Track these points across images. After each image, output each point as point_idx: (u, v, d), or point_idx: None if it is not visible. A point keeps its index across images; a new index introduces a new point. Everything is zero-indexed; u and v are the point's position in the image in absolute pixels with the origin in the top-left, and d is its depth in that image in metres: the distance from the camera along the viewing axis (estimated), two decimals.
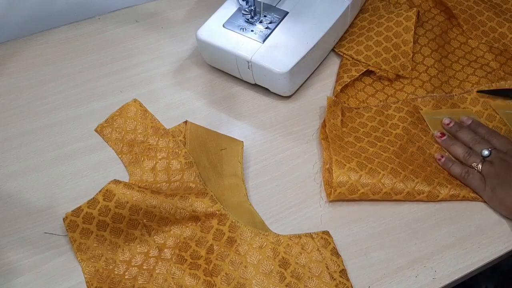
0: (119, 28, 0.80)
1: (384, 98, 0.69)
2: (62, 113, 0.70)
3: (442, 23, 0.77)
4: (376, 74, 0.70)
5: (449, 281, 0.54)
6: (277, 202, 0.60)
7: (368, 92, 0.70)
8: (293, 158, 0.64)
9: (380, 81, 0.71)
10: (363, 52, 0.71)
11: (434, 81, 0.70)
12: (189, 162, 0.62)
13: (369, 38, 0.72)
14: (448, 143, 0.63)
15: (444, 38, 0.76)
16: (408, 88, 0.70)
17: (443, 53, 0.74)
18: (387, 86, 0.70)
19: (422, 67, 0.72)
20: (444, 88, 0.70)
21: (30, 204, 0.61)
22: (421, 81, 0.71)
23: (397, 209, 0.59)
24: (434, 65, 0.72)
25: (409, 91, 0.70)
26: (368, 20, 0.75)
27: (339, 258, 0.54)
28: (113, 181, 0.58)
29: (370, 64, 0.70)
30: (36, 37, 0.79)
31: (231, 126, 0.68)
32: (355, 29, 0.75)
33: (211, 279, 0.54)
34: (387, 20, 0.73)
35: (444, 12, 0.79)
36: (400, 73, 0.70)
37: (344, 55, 0.73)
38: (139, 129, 0.66)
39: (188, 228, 0.57)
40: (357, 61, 0.71)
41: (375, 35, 0.72)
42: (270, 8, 0.71)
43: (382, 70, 0.70)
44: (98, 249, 0.56)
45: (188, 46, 0.77)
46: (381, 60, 0.70)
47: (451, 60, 0.73)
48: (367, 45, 0.71)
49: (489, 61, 0.73)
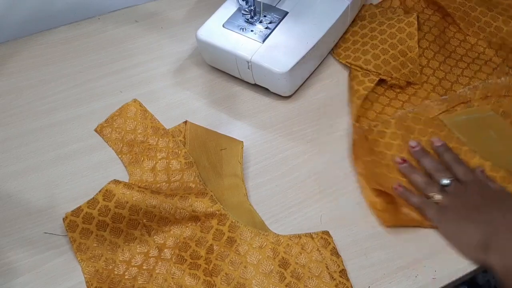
0: (119, 28, 0.80)
1: (399, 105, 0.68)
2: (62, 113, 0.70)
3: (438, 23, 0.77)
4: (387, 82, 0.70)
5: (449, 281, 0.54)
6: (277, 202, 0.60)
7: (383, 102, 0.69)
8: (293, 158, 0.64)
9: (391, 89, 0.70)
10: (371, 61, 0.70)
11: (444, 83, 0.70)
12: (189, 162, 0.62)
13: (374, 47, 0.71)
14: (408, 171, 0.60)
15: (443, 38, 0.76)
16: (420, 92, 0.69)
17: (445, 54, 0.74)
18: (400, 93, 0.70)
19: (429, 70, 0.72)
20: (455, 88, 0.70)
21: (30, 204, 0.61)
22: (431, 84, 0.70)
23: None
24: (440, 67, 0.72)
25: (422, 96, 0.69)
26: (368, 28, 0.74)
27: (339, 258, 0.54)
28: (113, 181, 0.58)
29: (381, 72, 0.69)
30: (36, 37, 0.79)
31: (231, 126, 0.68)
32: (357, 37, 0.74)
33: (211, 279, 0.54)
34: (389, 27, 0.73)
35: (438, 12, 0.79)
36: (411, 80, 0.70)
37: (352, 66, 0.72)
38: (139, 129, 0.66)
39: (188, 228, 0.57)
40: (367, 71, 0.70)
41: (380, 43, 0.71)
42: (270, 8, 0.71)
43: (394, 78, 0.69)
44: (98, 249, 0.56)
45: (188, 46, 0.77)
46: (391, 68, 0.69)
47: (455, 59, 0.73)
48: (374, 54, 0.70)
49: (491, 56, 0.73)
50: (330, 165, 0.63)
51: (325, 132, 0.67)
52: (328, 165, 0.63)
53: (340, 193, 0.61)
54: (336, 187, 0.61)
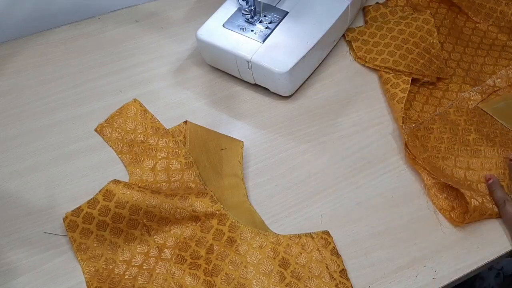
0: (119, 28, 0.80)
1: (437, 102, 0.69)
2: (62, 113, 0.70)
3: (447, 15, 0.78)
4: (419, 81, 0.70)
5: (449, 281, 0.54)
6: (277, 202, 0.60)
7: (421, 100, 0.70)
8: (293, 158, 0.64)
9: (424, 86, 0.71)
10: (400, 62, 0.70)
11: (471, 73, 0.72)
12: (189, 162, 0.62)
13: (398, 47, 0.72)
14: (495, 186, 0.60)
15: (456, 29, 0.77)
16: (453, 86, 0.71)
17: (463, 44, 0.75)
18: (433, 90, 0.71)
19: (452, 62, 0.73)
20: (482, 77, 0.71)
21: (30, 204, 0.61)
22: (460, 77, 0.72)
23: (397, 209, 0.59)
24: (462, 58, 0.74)
25: (455, 89, 0.70)
26: (386, 28, 0.75)
27: (339, 258, 0.54)
28: (113, 181, 0.58)
29: (413, 72, 0.70)
30: (36, 37, 0.79)
31: (231, 126, 0.68)
32: (377, 38, 0.74)
33: (211, 279, 0.54)
34: (406, 26, 0.74)
35: (443, 3, 0.80)
36: (440, 75, 0.71)
37: (381, 69, 0.72)
38: (139, 129, 0.66)
39: (188, 228, 0.57)
40: (399, 72, 0.70)
41: (403, 43, 0.72)
42: (270, 8, 0.71)
43: (426, 76, 0.70)
44: (98, 249, 0.56)
45: (188, 46, 0.77)
46: (421, 66, 0.70)
47: (473, 48, 0.75)
48: (400, 54, 0.71)
49: (505, 41, 0.75)
50: (330, 165, 0.63)
51: (325, 132, 0.67)
52: (328, 165, 0.63)
53: (340, 193, 0.61)
54: (336, 187, 0.61)
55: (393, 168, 0.63)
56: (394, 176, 0.62)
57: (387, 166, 0.63)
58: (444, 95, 0.70)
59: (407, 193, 0.61)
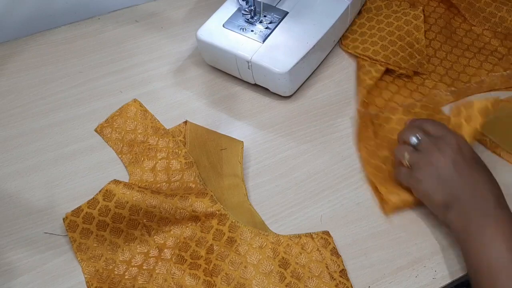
0: (119, 28, 0.80)
1: (408, 94, 0.70)
2: (62, 113, 0.70)
3: (443, 15, 0.78)
4: (395, 72, 0.71)
5: (449, 281, 0.54)
6: (277, 202, 0.60)
7: (392, 89, 0.70)
8: (293, 158, 0.64)
9: (400, 78, 0.72)
10: (380, 52, 0.71)
11: (451, 73, 0.72)
12: (189, 162, 0.62)
13: (382, 38, 0.73)
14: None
15: (449, 29, 0.77)
16: (428, 82, 0.71)
17: (452, 44, 0.75)
18: (408, 82, 0.71)
19: (436, 60, 0.73)
20: (462, 78, 0.71)
21: (30, 204, 0.61)
22: (439, 74, 0.72)
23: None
24: (447, 57, 0.73)
25: (430, 86, 0.70)
26: (375, 20, 0.76)
27: (339, 258, 0.54)
28: (113, 181, 0.58)
29: (390, 63, 0.70)
30: (36, 37, 0.79)
31: (231, 126, 0.68)
32: (365, 29, 0.75)
33: (211, 279, 0.54)
34: (396, 20, 0.74)
35: (443, 3, 0.80)
36: (418, 70, 0.71)
37: (360, 56, 0.73)
38: (139, 129, 0.66)
39: (188, 228, 0.57)
40: (375, 61, 0.71)
41: (388, 35, 0.73)
42: (270, 8, 0.71)
43: (402, 68, 0.70)
44: (98, 249, 0.56)
45: (188, 46, 0.77)
46: (399, 59, 0.71)
47: (462, 49, 0.75)
48: (382, 45, 0.72)
49: (497, 46, 0.74)
50: (330, 165, 0.63)
51: (325, 132, 0.67)
52: (328, 165, 0.63)
53: (340, 193, 0.61)
54: (336, 187, 0.61)
55: None
56: None
57: None
58: (417, 89, 0.70)
59: None
